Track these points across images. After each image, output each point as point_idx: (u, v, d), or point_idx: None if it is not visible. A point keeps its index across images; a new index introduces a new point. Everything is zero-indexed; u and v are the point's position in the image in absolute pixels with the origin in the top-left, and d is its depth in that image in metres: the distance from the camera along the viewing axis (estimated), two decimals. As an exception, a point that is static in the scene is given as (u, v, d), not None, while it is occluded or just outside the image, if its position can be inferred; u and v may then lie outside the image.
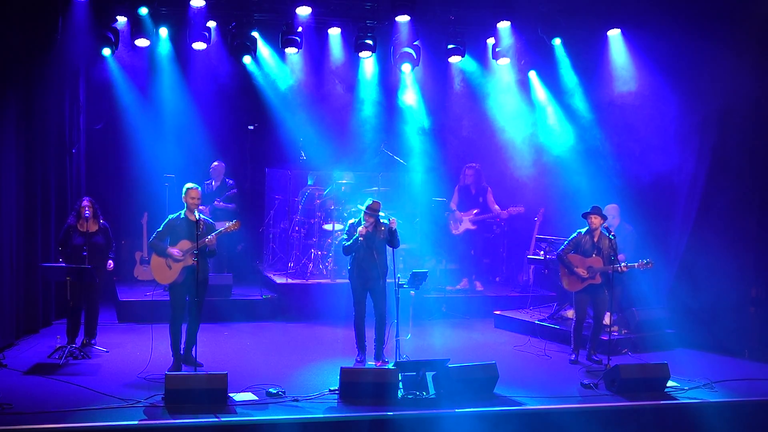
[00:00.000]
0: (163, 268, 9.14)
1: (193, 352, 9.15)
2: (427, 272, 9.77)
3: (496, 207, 13.12)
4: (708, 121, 11.06)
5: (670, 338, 10.69)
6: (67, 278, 9.34)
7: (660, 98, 11.63)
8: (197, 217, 9.07)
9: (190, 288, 9.04)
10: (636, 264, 9.79)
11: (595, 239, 9.93)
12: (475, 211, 13.10)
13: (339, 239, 11.86)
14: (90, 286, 9.75)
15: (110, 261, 10.07)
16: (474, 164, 13.40)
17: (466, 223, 13.12)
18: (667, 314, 10.97)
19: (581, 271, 9.86)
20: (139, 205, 12.87)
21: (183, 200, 9.21)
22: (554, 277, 11.43)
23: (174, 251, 9.08)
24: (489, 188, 13.24)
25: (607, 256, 9.79)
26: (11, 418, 7.46)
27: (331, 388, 8.44)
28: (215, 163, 12.93)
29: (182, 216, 9.21)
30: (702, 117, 11.14)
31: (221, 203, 12.59)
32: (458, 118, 14.64)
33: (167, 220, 9.29)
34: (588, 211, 9.93)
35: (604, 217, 9.97)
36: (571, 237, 10.07)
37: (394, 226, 9.51)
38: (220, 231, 9.13)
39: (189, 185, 9.25)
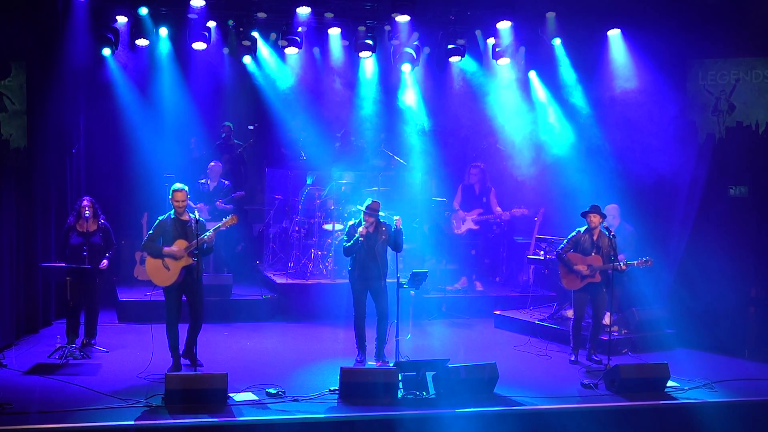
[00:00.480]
0: (160, 270, 9.03)
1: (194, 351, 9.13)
2: (427, 272, 9.76)
3: (498, 208, 13.13)
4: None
5: (670, 338, 10.68)
6: (67, 278, 9.32)
7: (660, 98, 11.62)
8: (196, 216, 9.03)
9: (187, 288, 9.00)
10: (636, 262, 9.79)
11: (595, 237, 9.92)
12: (478, 211, 13.10)
13: (339, 239, 11.85)
14: (90, 286, 9.73)
15: (105, 260, 9.92)
16: (479, 164, 13.41)
17: (468, 222, 13.12)
18: (667, 314, 10.96)
19: (581, 268, 9.85)
20: (139, 205, 12.85)
21: (170, 202, 9.09)
22: (554, 277, 11.41)
23: (173, 249, 8.99)
24: (492, 189, 13.25)
25: (607, 255, 9.79)
26: (11, 418, 7.46)
27: (331, 388, 8.44)
28: (212, 164, 12.91)
29: (172, 216, 9.10)
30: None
31: (222, 204, 12.58)
32: (458, 118, 14.63)
33: (157, 221, 9.15)
34: (587, 210, 9.92)
35: (603, 216, 9.96)
36: (571, 235, 10.07)
37: (400, 225, 9.47)
38: (218, 226, 9.03)
39: (175, 186, 9.11)
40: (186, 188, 9.14)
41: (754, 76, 10.83)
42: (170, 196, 9.09)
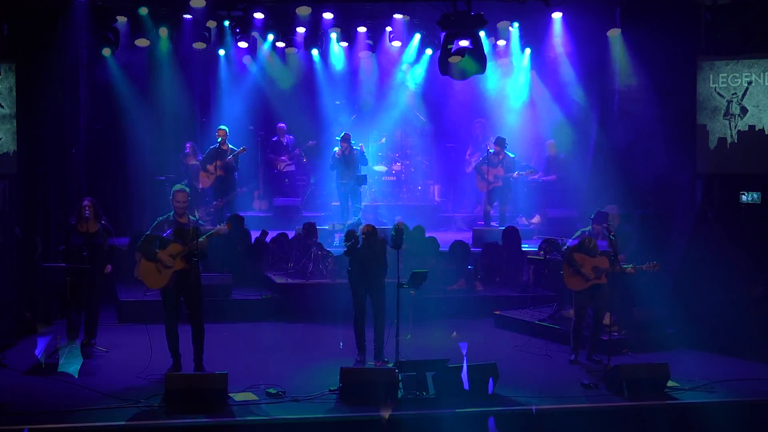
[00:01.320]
0: (153, 273, 8.90)
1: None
2: (427, 272, 9.74)
3: (488, 207, 13.16)
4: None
5: (671, 338, 10.66)
6: (67, 278, 9.31)
7: (661, 98, 11.62)
8: (196, 217, 9.00)
9: (183, 291, 8.93)
10: (644, 266, 9.76)
11: (600, 238, 9.91)
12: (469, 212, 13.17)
13: (339, 239, 11.86)
14: (90, 286, 9.72)
15: (108, 265, 9.90)
16: (472, 163, 13.44)
17: (460, 223, 13.16)
18: (667, 314, 10.94)
19: (587, 272, 9.81)
20: (139, 205, 12.86)
21: (171, 202, 8.99)
22: (554, 277, 11.41)
23: (164, 257, 8.84)
24: (486, 189, 13.27)
25: (609, 256, 9.77)
26: (11, 418, 7.46)
27: (331, 388, 8.43)
28: (192, 162, 12.82)
29: (171, 218, 8.98)
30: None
31: (221, 204, 12.57)
32: (459, 117, 14.65)
33: (156, 222, 9.04)
34: (592, 217, 9.93)
35: (607, 223, 9.96)
36: (576, 235, 10.04)
37: (401, 226, 9.47)
38: (212, 233, 8.95)
39: (176, 187, 9.03)
40: (188, 189, 9.06)
41: (767, 78, 10.74)
42: (171, 197, 9.00)
